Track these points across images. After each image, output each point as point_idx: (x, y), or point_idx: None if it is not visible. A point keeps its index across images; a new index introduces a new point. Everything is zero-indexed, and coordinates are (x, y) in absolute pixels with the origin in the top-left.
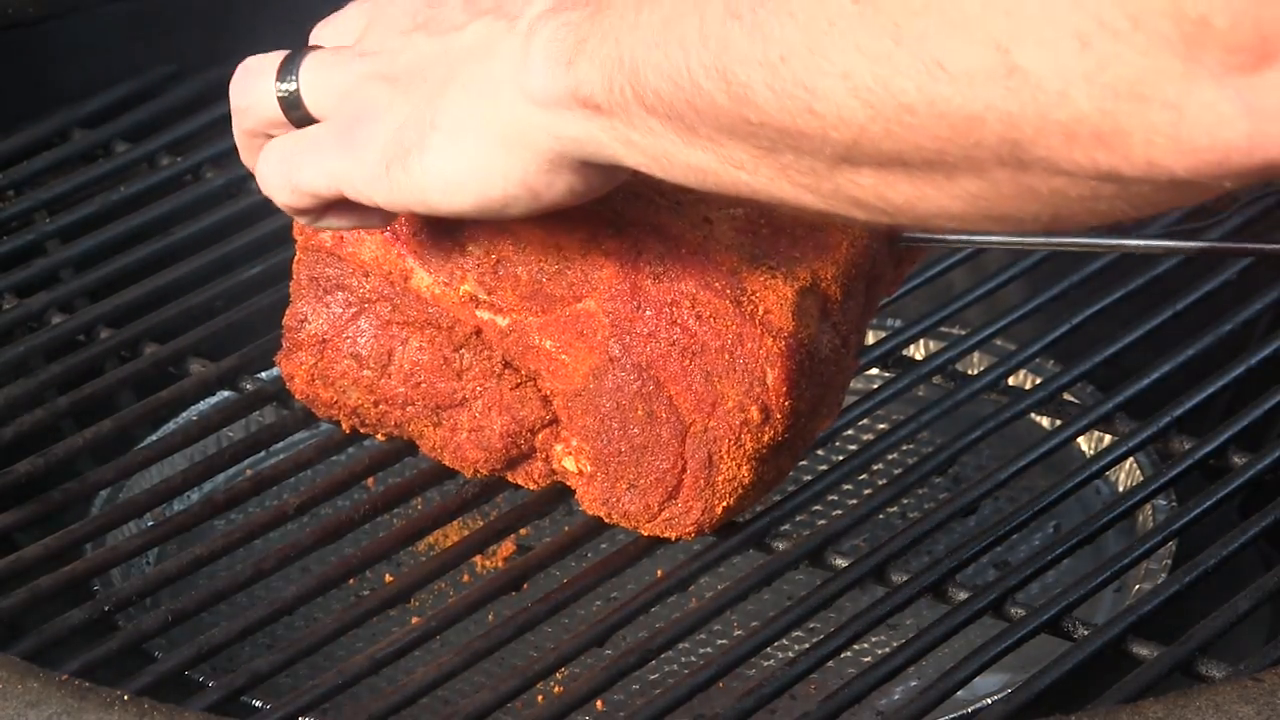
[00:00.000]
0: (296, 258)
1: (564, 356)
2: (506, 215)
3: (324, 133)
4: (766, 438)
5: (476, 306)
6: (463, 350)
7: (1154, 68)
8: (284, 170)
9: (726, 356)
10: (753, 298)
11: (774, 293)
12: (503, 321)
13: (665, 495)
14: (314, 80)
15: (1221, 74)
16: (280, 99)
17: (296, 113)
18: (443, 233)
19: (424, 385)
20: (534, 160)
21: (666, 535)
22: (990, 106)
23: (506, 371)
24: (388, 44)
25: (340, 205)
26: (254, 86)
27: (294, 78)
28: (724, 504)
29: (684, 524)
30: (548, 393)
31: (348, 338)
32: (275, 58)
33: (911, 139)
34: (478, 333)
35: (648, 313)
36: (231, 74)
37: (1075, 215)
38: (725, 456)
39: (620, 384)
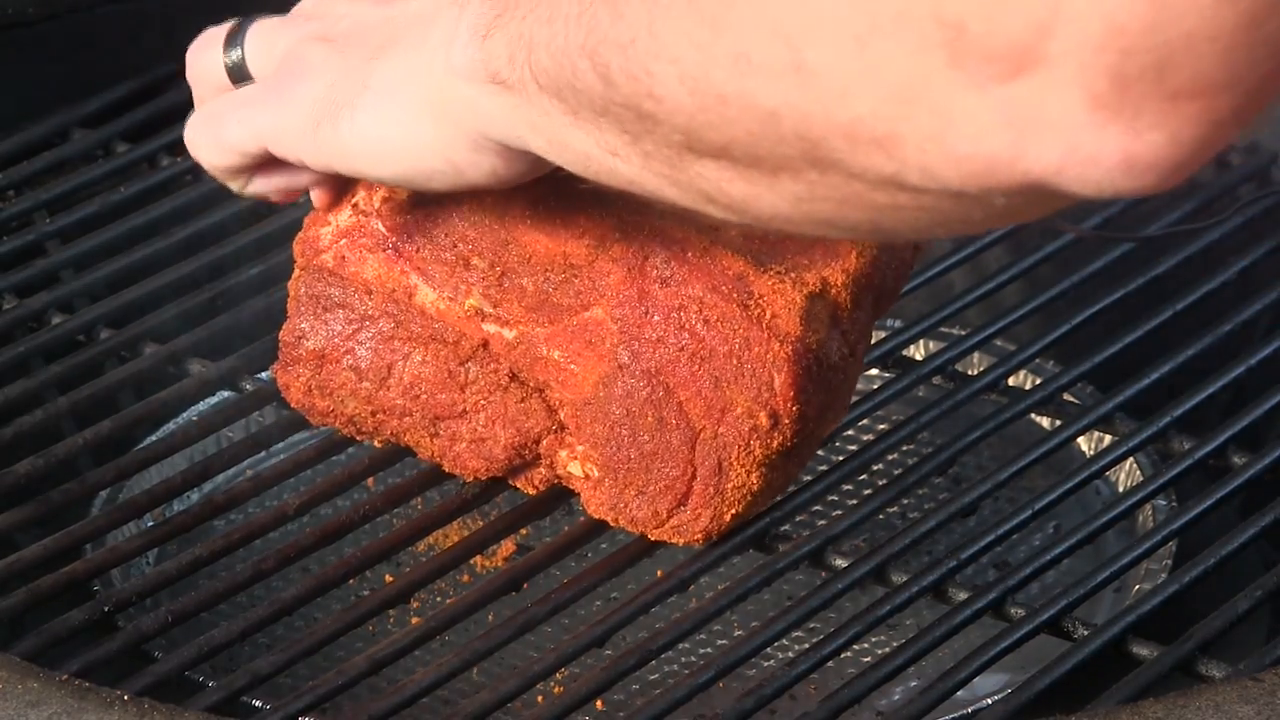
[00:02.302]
0: (295, 275)
1: (573, 366)
2: (428, 188)
3: (254, 90)
4: (775, 444)
5: (483, 320)
6: (469, 364)
7: (922, 72)
8: (211, 127)
9: (735, 361)
10: (760, 302)
11: (782, 297)
12: (509, 334)
13: (674, 502)
14: (257, 47)
15: (983, 82)
16: (227, 67)
17: (243, 81)
18: (446, 247)
19: (424, 397)
20: (458, 136)
21: (674, 541)
22: (786, 102)
23: (512, 384)
24: (333, 9)
25: (269, 166)
26: (204, 57)
27: (239, 46)
28: (732, 511)
29: (692, 531)
30: (555, 403)
31: (347, 352)
32: (225, 28)
33: (729, 131)
34: (484, 346)
35: (655, 318)
36: None
37: (893, 227)
38: (735, 463)
39: (630, 390)
